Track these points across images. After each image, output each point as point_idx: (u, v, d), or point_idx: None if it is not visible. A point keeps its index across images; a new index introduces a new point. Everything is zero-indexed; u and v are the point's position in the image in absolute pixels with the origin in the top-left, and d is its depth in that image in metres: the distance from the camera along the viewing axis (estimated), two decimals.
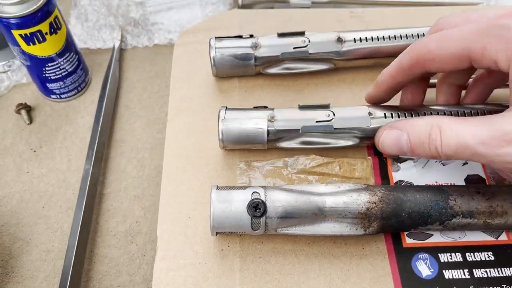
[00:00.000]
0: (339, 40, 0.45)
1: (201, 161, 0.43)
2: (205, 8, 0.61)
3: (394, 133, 0.37)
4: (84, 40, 0.61)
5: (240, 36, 0.45)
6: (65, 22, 0.51)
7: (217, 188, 0.37)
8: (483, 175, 0.42)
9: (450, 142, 0.33)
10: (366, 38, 0.45)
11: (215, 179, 0.42)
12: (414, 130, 0.35)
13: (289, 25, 0.52)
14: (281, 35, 0.45)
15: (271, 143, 0.41)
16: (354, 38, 0.45)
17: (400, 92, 0.42)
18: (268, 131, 0.40)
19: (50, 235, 0.48)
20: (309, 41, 0.45)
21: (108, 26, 0.62)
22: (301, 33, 0.45)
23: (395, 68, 0.38)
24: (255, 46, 0.44)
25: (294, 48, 0.44)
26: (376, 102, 0.43)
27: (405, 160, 0.43)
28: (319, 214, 0.36)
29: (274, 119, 0.40)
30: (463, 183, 0.41)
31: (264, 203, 0.35)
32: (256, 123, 0.40)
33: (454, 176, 0.42)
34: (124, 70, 0.60)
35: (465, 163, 0.43)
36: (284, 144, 0.41)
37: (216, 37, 0.45)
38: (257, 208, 0.35)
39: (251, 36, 0.45)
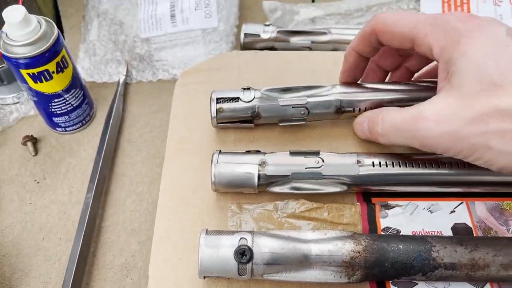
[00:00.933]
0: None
1: (194, 202, 0.44)
2: (208, 46, 0.63)
3: (361, 120, 0.45)
4: (91, 74, 0.64)
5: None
6: (72, 60, 0.53)
7: (207, 232, 0.38)
8: (470, 224, 0.42)
9: (387, 124, 0.40)
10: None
11: (207, 221, 0.43)
12: (371, 118, 0.43)
13: (288, 67, 0.54)
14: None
15: (262, 187, 0.42)
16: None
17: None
18: (258, 176, 0.41)
19: (49, 266, 0.49)
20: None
21: (115, 61, 0.64)
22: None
23: (358, 37, 0.44)
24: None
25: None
26: (348, 78, 0.47)
27: (393, 206, 0.43)
28: (305, 262, 0.37)
29: (265, 164, 0.41)
30: (450, 231, 0.42)
31: (250, 250, 0.36)
32: (247, 168, 0.41)
33: (441, 224, 0.42)
34: (128, 104, 0.62)
35: (453, 211, 0.43)
36: (275, 189, 0.42)
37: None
38: (243, 254, 0.36)
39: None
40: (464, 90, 0.35)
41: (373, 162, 0.41)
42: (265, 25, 0.61)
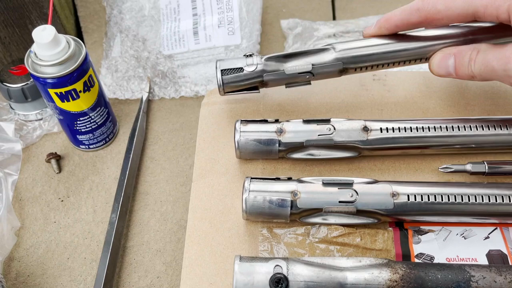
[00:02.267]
0: (365, 129, 0.45)
1: (224, 225, 0.44)
2: None
3: (444, 55, 0.44)
4: (113, 91, 0.64)
5: (266, 121, 0.46)
6: (97, 79, 0.53)
7: (240, 259, 0.37)
8: (505, 251, 0.42)
9: (480, 61, 0.41)
10: (393, 128, 0.45)
11: (237, 245, 0.42)
12: (460, 54, 0.42)
13: (307, 90, 0.53)
14: (307, 121, 0.45)
15: (294, 217, 0.42)
16: (381, 128, 0.45)
17: None
18: (291, 207, 0.41)
19: (74, 287, 0.49)
20: (335, 129, 0.45)
21: (137, 77, 0.64)
22: (327, 120, 0.45)
23: (402, 21, 0.44)
24: (280, 132, 0.45)
25: (319, 135, 0.44)
26: (372, 36, 0.47)
27: (426, 232, 0.43)
28: None
29: (297, 196, 0.41)
30: (485, 258, 0.41)
31: (286, 278, 0.36)
32: (280, 199, 0.41)
33: (476, 251, 0.42)
34: (150, 121, 0.62)
35: (487, 237, 0.43)
36: (307, 220, 0.42)
37: (241, 120, 0.46)
38: (279, 283, 0.36)
39: (277, 120, 0.46)
40: None
41: (408, 196, 0.41)
42: (246, 55, 0.48)
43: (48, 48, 0.47)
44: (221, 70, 0.47)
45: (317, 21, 0.71)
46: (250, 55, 0.48)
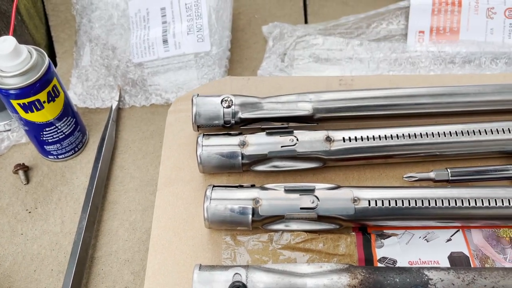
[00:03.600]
0: (328, 139, 0.45)
1: (187, 233, 0.44)
2: (201, 70, 0.63)
3: None
4: (83, 100, 0.63)
5: (229, 134, 0.46)
6: (63, 89, 0.53)
7: (200, 267, 0.37)
8: (467, 253, 0.42)
9: None
10: (355, 137, 0.45)
11: (200, 253, 0.42)
12: None
13: (280, 92, 0.53)
14: (269, 133, 0.45)
15: (256, 224, 0.42)
16: (344, 137, 0.45)
17: None
18: (252, 215, 0.41)
19: None
20: (297, 140, 0.44)
21: (107, 86, 0.64)
22: (290, 132, 0.45)
23: None
24: (243, 144, 0.44)
25: (282, 146, 0.44)
26: None
27: (389, 236, 0.43)
28: None
29: (258, 203, 0.41)
30: (447, 261, 0.42)
31: (245, 286, 0.36)
32: (241, 207, 0.41)
33: (438, 253, 0.42)
34: (120, 130, 0.62)
35: (449, 240, 0.43)
36: (269, 227, 0.42)
37: (204, 134, 0.45)
38: None
39: (240, 133, 0.46)
40: None
41: (369, 201, 0.41)
42: (224, 107, 0.47)
43: (9, 59, 0.46)
44: (198, 126, 0.48)
45: (297, 24, 0.72)
46: (229, 107, 0.47)
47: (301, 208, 0.41)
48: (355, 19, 0.70)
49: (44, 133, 0.54)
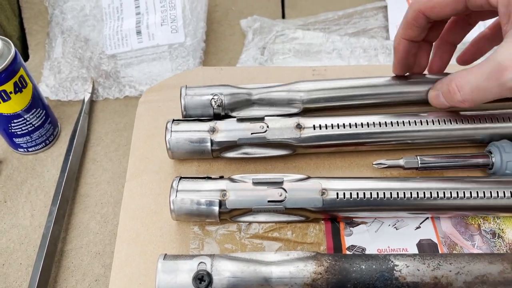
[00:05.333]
0: (298, 126, 0.44)
1: (155, 224, 0.43)
2: (175, 61, 0.63)
3: (435, 93, 0.44)
4: (56, 92, 0.62)
5: (199, 120, 0.45)
6: (31, 80, 0.52)
7: (164, 257, 0.37)
8: (435, 240, 0.42)
9: (466, 89, 0.39)
10: (326, 125, 0.44)
11: (168, 244, 0.42)
12: (443, 89, 0.42)
13: (253, 82, 0.53)
14: (240, 119, 0.45)
15: (224, 216, 0.41)
16: (314, 125, 0.44)
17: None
18: (219, 208, 0.40)
19: None
20: (268, 127, 0.44)
21: (80, 78, 0.63)
22: (261, 119, 0.45)
23: (403, 27, 0.44)
24: (213, 130, 0.44)
25: (252, 133, 0.44)
26: (403, 67, 0.47)
27: (358, 224, 0.43)
28: (265, 285, 0.36)
29: (226, 196, 0.40)
30: (415, 248, 0.42)
31: (209, 275, 0.35)
32: (208, 200, 0.40)
33: (407, 241, 0.42)
34: (93, 122, 0.61)
35: (418, 227, 0.43)
36: (237, 219, 0.42)
37: (174, 120, 0.45)
38: (202, 280, 0.35)
39: (210, 119, 0.45)
40: None
41: (337, 193, 0.41)
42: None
43: None
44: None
45: (276, 19, 0.71)
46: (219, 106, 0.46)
47: (268, 201, 0.40)
48: (334, 15, 0.70)
49: (13, 125, 0.53)
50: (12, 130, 0.53)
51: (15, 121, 0.52)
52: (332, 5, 0.74)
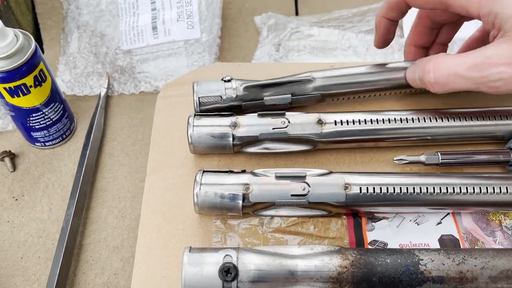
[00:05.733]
0: (320, 122, 0.44)
1: (177, 218, 0.43)
2: (191, 57, 0.63)
3: (412, 69, 0.45)
4: (71, 87, 0.62)
5: (220, 115, 0.45)
6: (50, 74, 0.52)
7: (190, 250, 0.37)
8: (457, 235, 0.42)
9: (442, 72, 0.40)
10: (347, 121, 0.45)
11: (190, 237, 0.42)
12: (418, 67, 0.43)
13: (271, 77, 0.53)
14: (261, 115, 0.45)
15: (246, 210, 0.41)
16: (335, 121, 0.45)
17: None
18: (243, 201, 0.40)
19: (27, 287, 0.47)
20: (289, 122, 0.44)
21: (96, 73, 0.63)
22: (282, 114, 0.45)
23: (385, 6, 0.46)
24: (234, 125, 0.44)
25: (273, 128, 0.44)
26: (383, 42, 0.50)
27: (380, 219, 0.43)
28: (291, 278, 0.36)
29: (249, 190, 0.40)
30: (437, 243, 0.42)
31: (235, 267, 0.35)
32: (231, 194, 0.40)
33: (428, 236, 0.42)
34: (109, 117, 0.61)
35: (439, 223, 0.43)
36: (259, 213, 0.42)
37: (195, 114, 0.45)
38: (228, 272, 0.35)
39: (231, 114, 0.45)
40: None
41: (360, 187, 0.41)
42: (225, 80, 0.48)
43: None
44: (199, 98, 0.46)
45: (291, 16, 0.71)
46: (229, 80, 0.47)
47: (291, 195, 0.40)
48: (348, 13, 0.71)
49: (31, 119, 0.53)
50: (30, 124, 0.53)
51: (33, 115, 0.52)
52: (344, 1, 0.74)
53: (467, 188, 0.41)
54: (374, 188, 0.41)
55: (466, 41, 0.50)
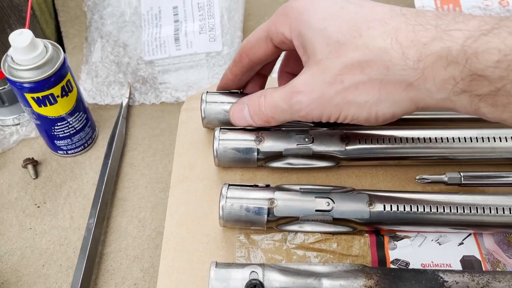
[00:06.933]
0: (344, 139, 0.45)
1: (201, 231, 0.44)
2: (212, 70, 0.63)
3: (239, 107, 0.43)
4: (93, 96, 0.63)
5: (245, 129, 0.45)
6: (76, 84, 0.53)
7: (216, 265, 0.37)
8: (479, 257, 0.42)
9: (268, 105, 0.40)
10: (371, 139, 0.45)
11: (214, 251, 0.42)
12: (251, 102, 0.42)
13: None
14: (286, 130, 0.45)
15: (270, 224, 0.42)
16: (359, 139, 0.45)
17: None
18: (267, 215, 0.41)
19: None
20: (313, 139, 0.45)
21: (117, 83, 0.64)
22: (306, 130, 0.45)
23: (232, 63, 0.46)
24: (259, 140, 0.45)
25: (297, 144, 0.44)
26: (225, 89, 0.49)
27: (401, 238, 0.43)
28: None
29: (274, 204, 0.41)
30: (459, 264, 0.42)
31: (262, 284, 0.36)
32: (256, 207, 0.41)
33: (450, 256, 0.42)
34: (130, 127, 0.62)
35: (461, 243, 0.43)
36: (284, 227, 0.42)
37: (221, 128, 0.46)
38: None
39: (256, 129, 0.46)
40: (317, 56, 0.36)
41: (384, 205, 0.41)
42: (232, 92, 0.49)
43: (25, 53, 0.46)
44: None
45: None
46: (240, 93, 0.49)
47: (316, 210, 0.41)
48: None
49: (56, 127, 0.53)
50: (55, 133, 0.54)
51: (58, 124, 0.53)
52: None
53: (490, 208, 0.41)
54: (398, 206, 0.41)
55: (278, 73, 0.49)
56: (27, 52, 0.46)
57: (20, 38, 0.46)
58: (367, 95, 0.35)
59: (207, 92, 0.49)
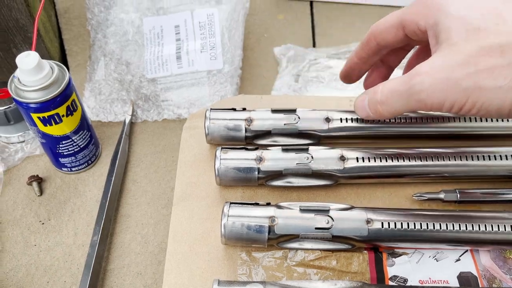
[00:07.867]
0: (342, 158, 0.46)
1: (203, 249, 0.44)
2: (213, 87, 0.65)
3: (362, 97, 0.44)
4: (96, 113, 0.64)
5: (246, 148, 0.47)
6: (81, 103, 0.54)
7: (219, 283, 0.38)
8: (475, 273, 0.43)
9: (386, 89, 0.40)
10: (368, 158, 0.46)
11: (216, 268, 0.43)
12: (371, 90, 0.42)
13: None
14: (285, 149, 0.46)
15: (271, 242, 0.43)
16: (357, 157, 0.46)
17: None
18: (268, 233, 0.42)
19: None
20: (312, 158, 0.46)
21: (120, 100, 0.65)
22: (305, 149, 0.46)
23: (359, 46, 0.47)
24: (259, 160, 0.46)
25: (297, 163, 0.46)
26: (348, 78, 0.50)
27: (400, 255, 0.44)
28: None
29: (274, 222, 0.42)
30: (456, 281, 0.43)
31: None
32: (257, 225, 0.42)
33: (447, 272, 0.43)
34: (133, 144, 0.63)
35: (458, 260, 0.44)
36: (283, 245, 0.43)
37: (222, 148, 0.47)
38: None
39: (256, 148, 0.47)
40: (453, 39, 0.36)
41: (382, 223, 0.42)
42: (235, 109, 0.51)
43: (31, 74, 0.47)
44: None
45: (309, 48, 0.73)
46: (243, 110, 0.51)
47: (316, 228, 0.42)
48: None
49: (60, 146, 0.55)
50: (59, 151, 0.55)
51: (63, 142, 0.54)
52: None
53: (485, 225, 0.42)
54: (395, 223, 0.42)
55: (406, 65, 0.49)
56: (34, 73, 0.47)
57: (27, 60, 0.47)
58: (504, 79, 0.33)
59: (210, 109, 0.50)
